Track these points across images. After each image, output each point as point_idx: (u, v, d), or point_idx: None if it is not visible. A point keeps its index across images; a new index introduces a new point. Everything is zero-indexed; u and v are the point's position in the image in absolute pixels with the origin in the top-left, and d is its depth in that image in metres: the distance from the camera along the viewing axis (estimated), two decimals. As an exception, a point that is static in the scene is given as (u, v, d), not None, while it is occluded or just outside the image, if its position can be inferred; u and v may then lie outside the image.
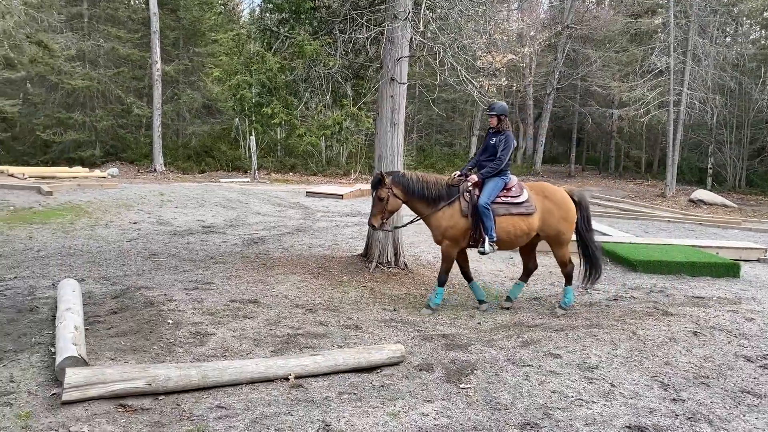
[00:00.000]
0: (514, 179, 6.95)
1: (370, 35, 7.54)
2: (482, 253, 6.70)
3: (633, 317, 6.70)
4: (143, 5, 28.41)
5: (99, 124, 26.83)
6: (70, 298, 5.58)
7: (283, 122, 7.97)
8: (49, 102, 26.81)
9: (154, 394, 4.12)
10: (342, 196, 19.20)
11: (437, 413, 4.11)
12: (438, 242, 6.92)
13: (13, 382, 4.19)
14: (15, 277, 7.43)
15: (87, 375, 3.95)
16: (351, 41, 8.00)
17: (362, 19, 7.56)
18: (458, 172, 7.02)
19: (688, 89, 23.68)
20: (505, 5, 27.28)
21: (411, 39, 8.03)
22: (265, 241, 10.86)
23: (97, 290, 6.90)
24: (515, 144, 7.07)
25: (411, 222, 7.33)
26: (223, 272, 8.17)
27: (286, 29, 8.12)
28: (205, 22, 28.69)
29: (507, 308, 7.14)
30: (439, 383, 4.67)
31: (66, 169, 22.95)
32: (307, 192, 20.19)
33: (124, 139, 28.14)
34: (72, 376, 3.89)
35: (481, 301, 7.16)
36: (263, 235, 11.59)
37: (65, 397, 3.86)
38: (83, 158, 26.25)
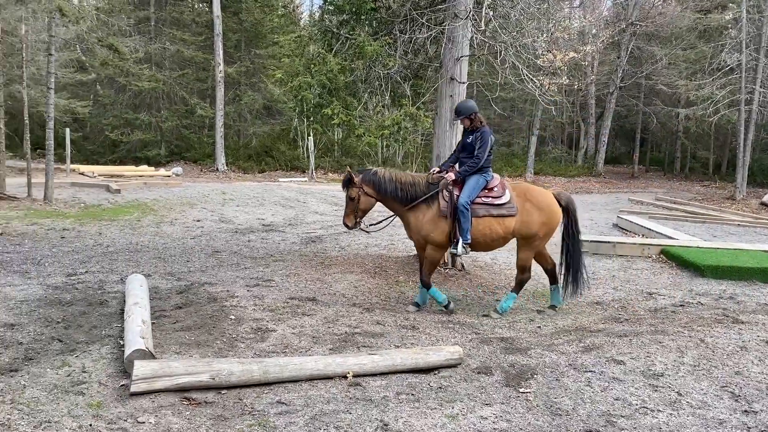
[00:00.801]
0: (496, 178, 6.67)
1: (431, 35, 7.53)
2: (454, 255, 6.52)
3: (701, 324, 6.44)
4: (207, 8, 29.20)
5: (164, 124, 27.73)
6: (137, 292, 5.79)
7: (342, 123, 8.03)
8: (117, 103, 27.89)
9: (217, 388, 4.22)
10: (398, 196, 19.17)
11: (496, 417, 4.06)
12: (419, 243, 6.67)
13: (85, 372, 4.37)
14: (86, 272, 7.75)
15: (154, 368, 4.08)
16: (411, 41, 8.00)
17: (422, 19, 7.55)
18: (437, 169, 6.77)
19: (761, 87, 22.62)
20: (567, 2, 26.74)
21: (471, 38, 7.96)
22: (322, 240, 10.98)
23: (162, 285, 7.13)
24: (493, 139, 6.78)
25: (387, 222, 7.07)
26: (283, 270, 8.30)
27: (346, 30, 8.19)
28: (266, 25, 29.24)
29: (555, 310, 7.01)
30: (498, 387, 4.61)
31: (133, 168, 23.84)
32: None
33: (187, 139, 28.99)
34: (140, 368, 4.03)
35: (416, 304, 6.81)
36: (321, 233, 11.73)
37: (133, 388, 4.00)
38: (149, 157, 27.20)
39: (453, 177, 6.49)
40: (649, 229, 12.53)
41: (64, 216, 12.70)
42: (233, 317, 5.93)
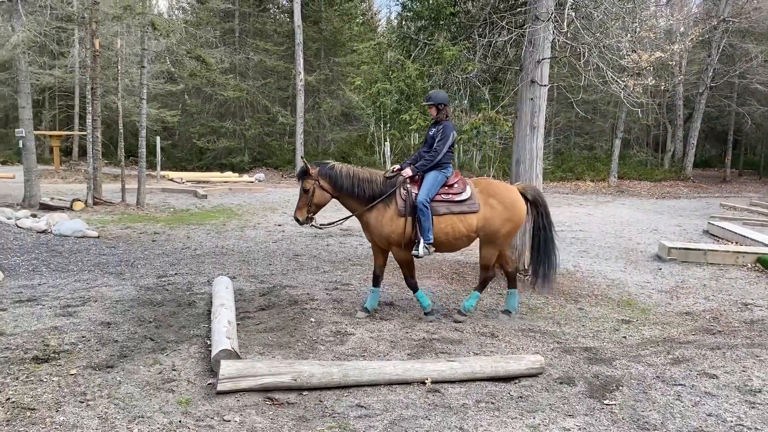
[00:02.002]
0: (456, 174, 6.31)
1: (511, 38, 7.42)
2: (416, 257, 6.12)
3: (804, 339, 6.02)
4: (288, 19, 30.01)
5: (248, 132, 28.68)
6: (223, 294, 6.00)
7: (420, 128, 8.04)
8: (204, 112, 29.10)
9: (298, 390, 4.31)
10: (476, 201, 18.99)
11: (580, 429, 3.94)
12: (383, 245, 6.30)
13: (174, 370, 4.57)
14: (175, 274, 8.11)
15: (239, 368, 4.21)
16: (490, 45, 7.92)
17: (502, 22, 7.46)
18: (397, 166, 6.39)
19: None
20: (653, 0, 25.70)
21: (553, 40, 7.79)
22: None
23: (246, 287, 7.36)
24: (455, 135, 6.36)
25: (343, 220, 6.74)
26: (361, 274, 8.39)
27: (425, 36, 8.21)
28: (345, 33, 29.74)
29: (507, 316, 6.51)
30: (581, 398, 4.47)
31: (218, 174, 24.79)
32: (440, 197, 20.17)
33: (269, 146, 29.85)
34: (226, 368, 4.17)
35: (364, 309, 6.42)
36: (398, 239, 11.78)
37: (220, 387, 4.14)
38: (233, 164, 28.21)
39: (410, 173, 6.13)
40: (744, 236, 11.82)
41: (155, 220, 13.35)
42: (313, 320, 6.04)
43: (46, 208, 14.22)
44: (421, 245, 5.98)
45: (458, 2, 8.24)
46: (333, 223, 6.68)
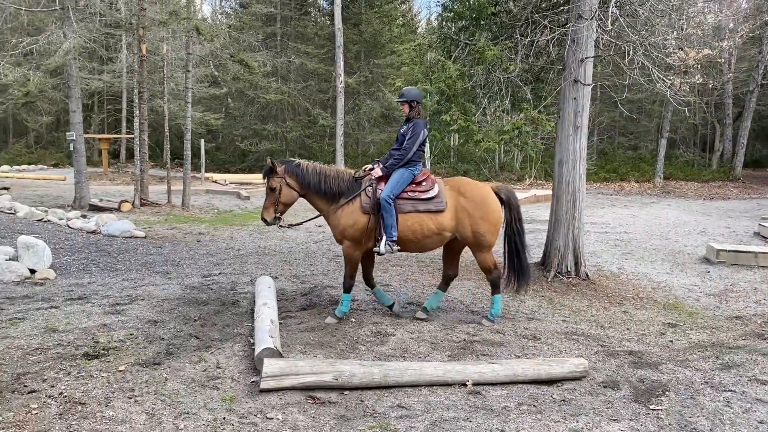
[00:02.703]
0: (425, 172, 6.13)
1: (553, 37, 7.33)
2: (378, 254, 5.94)
3: None
4: (329, 22, 30.26)
5: (289, 134, 29.03)
6: (266, 293, 6.08)
7: (460, 129, 8.00)
8: (246, 115, 29.58)
9: (339, 389, 4.35)
10: (517, 202, 18.80)
11: (625, 434, 3.87)
12: (338, 242, 6.20)
13: (219, 368, 4.66)
14: (220, 273, 8.26)
15: (282, 366, 4.27)
16: (532, 44, 7.84)
17: (545, 21, 7.37)
18: (369, 165, 6.26)
19: None
20: (701, -4, 25.02)
21: (597, 38, 7.67)
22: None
23: (288, 287, 7.45)
24: (426, 133, 6.18)
25: (310, 219, 6.60)
26: (400, 275, 8.40)
27: (466, 36, 8.17)
28: (385, 35, 29.83)
29: (422, 319, 6.23)
30: (626, 402, 4.39)
31: (261, 176, 25.12)
32: (481, 198, 20.04)
33: (310, 148, 30.15)
34: (269, 366, 4.23)
35: (389, 306, 6.41)
36: (438, 240, 11.74)
37: (263, 385, 4.20)
38: (275, 166, 28.54)
39: (379, 173, 6.02)
40: (798, 239, 11.41)
41: (199, 221, 13.63)
42: (353, 320, 6.08)
43: (95, 209, 14.67)
44: (383, 242, 5.87)
45: (499, 2, 8.18)
46: (301, 222, 6.65)
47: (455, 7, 8.42)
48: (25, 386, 4.10)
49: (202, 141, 23.58)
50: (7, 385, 4.11)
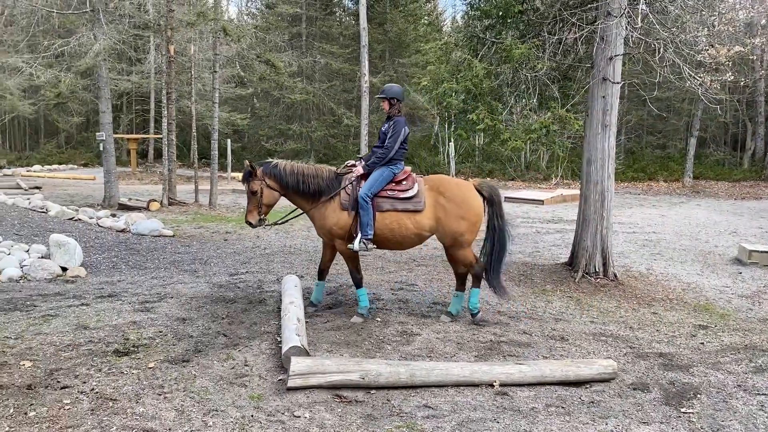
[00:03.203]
0: (407, 171, 6.05)
1: (582, 35, 7.24)
2: (353, 251, 5.88)
3: None
4: (353, 21, 30.32)
5: (314, 134, 29.15)
6: (292, 292, 6.11)
7: (487, 128, 7.95)
8: (272, 115, 29.79)
9: (366, 388, 4.35)
10: (542, 201, 18.67)
11: (655, 437, 3.81)
12: (328, 240, 6.19)
13: (247, 366, 4.69)
14: (246, 272, 8.32)
15: (309, 364, 4.29)
16: (560, 42, 7.76)
17: (573, 19, 7.29)
18: (351, 162, 6.23)
19: None
20: (732, -8, 24.53)
21: (626, 36, 7.56)
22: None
23: (314, 286, 7.47)
24: (407, 131, 6.11)
25: (291, 217, 6.57)
26: (425, 275, 8.38)
27: (492, 34, 8.12)
28: (410, 34, 29.80)
29: (448, 321, 6.16)
30: (657, 405, 4.32)
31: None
32: (505, 197, 19.93)
33: (335, 148, 30.25)
34: (296, 364, 4.25)
35: (311, 303, 6.36)
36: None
37: (290, 383, 4.23)
38: (300, 165, 28.71)
39: (361, 171, 6.00)
40: (834, 240, 11.12)
41: (226, 220, 13.76)
42: (379, 319, 6.08)
43: (124, 208, 14.89)
44: (357, 239, 5.85)
45: (526, 0, 8.12)
46: (285, 219, 6.64)
47: (482, 5, 8.37)
48: (58, 382, 4.17)
49: (229, 141, 23.78)
50: (40, 380, 4.19)
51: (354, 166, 6.16)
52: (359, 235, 5.84)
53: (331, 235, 6.05)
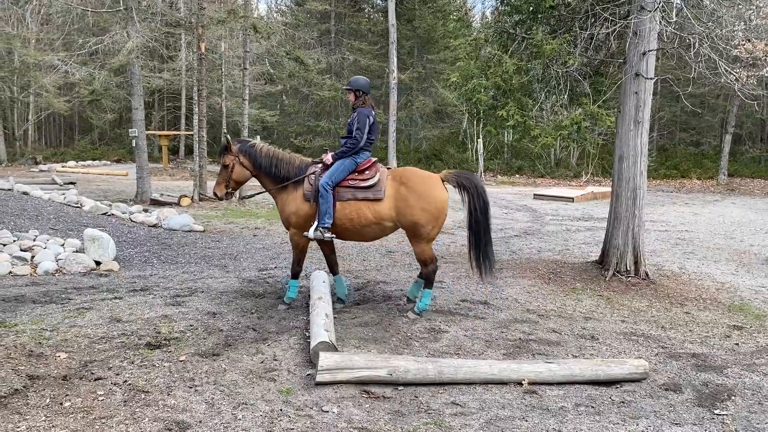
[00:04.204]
0: (371, 160, 6.02)
1: (614, 30, 7.12)
2: (307, 238, 5.86)
3: None
4: (382, 18, 30.30)
5: (342, 131, 29.22)
6: (320, 288, 6.15)
7: (517, 124, 7.88)
8: (301, 112, 29.93)
9: (393, 384, 4.36)
10: (573, 199, 18.48)
11: (688, 439, 3.74)
12: (284, 225, 6.23)
13: (276, 360, 4.74)
14: (275, 267, 8.39)
15: (337, 360, 4.31)
16: (592, 37, 7.64)
17: (606, 14, 7.17)
18: (329, 152, 6.17)
19: None
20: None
21: (660, 31, 7.41)
22: (492, 243, 10.84)
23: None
24: (372, 120, 6.04)
25: (257, 194, 6.80)
26: (453, 272, 8.35)
27: (523, 30, 8.03)
28: (439, 30, 29.67)
29: (416, 316, 6.01)
30: (689, 406, 4.25)
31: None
32: (534, 194, 19.80)
33: (363, 144, 30.27)
34: (325, 359, 4.27)
35: (339, 299, 6.34)
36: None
37: (318, 378, 4.25)
38: (328, 162, 28.82)
39: (330, 160, 6.01)
40: None
41: (255, 216, 13.89)
42: (407, 317, 6.07)
43: (156, 203, 15.13)
44: (312, 228, 5.85)
45: (558, -5, 8.01)
46: (251, 195, 6.83)
47: (512, 0, 8.29)
48: (92, 373, 4.26)
49: (258, 137, 23.95)
50: (75, 371, 4.28)
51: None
52: (315, 223, 5.86)
53: (288, 222, 6.14)
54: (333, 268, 6.55)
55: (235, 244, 10.24)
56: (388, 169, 6.15)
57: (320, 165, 6.06)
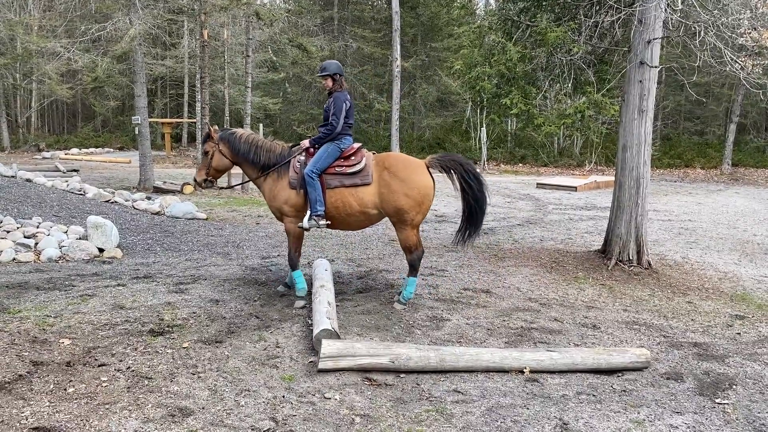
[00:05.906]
0: (354, 146, 5.93)
1: (619, 17, 7.08)
2: (301, 228, 5.79)
3: None
4: (386, 5, 30.15)
5: (345, 118, 29.19)
6: (323, 276, 6.16)
7: (520, 112, 7.85)
8: (303, 100, 29.89)
9: (395, 372, 4.37)
10: (575, 188, 18.45)
11: (688, 427, 3.76)
12: (278, 219, 6.17)
13: (278, 347, 4.75)
14: (278, 255, 8.41)
15: (339, 347, 4.32)
16: (596, 25, 7.60)
17: (610, 1, 7.13)
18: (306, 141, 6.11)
19: None
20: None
21: (665, 18, 7.36)
22: (495, 232, 10.87)
23: (345, 270, 7.52)
24: (348, 104, 5.93)
25: (240, 184, 6.97)
26: (456, 261, 8.35)
27: (527, 17, 7.99)
28: (443, 18, 29.53)
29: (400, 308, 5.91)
30: (690, 395, 4.26)
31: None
32: (537, 183, 19.77)
33: (365, 133, 30.24)
34: (327, 347, 4.29)
35: (285, 285, 6.34)
36: (493, 225, 11.62)
37: (321, 365, 4.27)
38: (330, 150, 28.81)
39: (307, 144, 5.95)
40: None
41: (258, 204, 13.90)
42: (409, 305, 6.08)
43: (158, 191, 15.15)
44: (306, 218, 5.80)
45: (562, -18, 7.96)
46: (233, 185, 6.67)
47: (517, -12, 8.25)
48: (96, 360, 4.29)
49: (261, 125, 23.89)
50: (79, 358, 4.31)
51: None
52: (308, 212, 5.81)
53: (280, 213, 6.05)
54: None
55: (237, 232, 10.25)
56: (374, 154, 6.08)
57: (304, 153, 5.97)
